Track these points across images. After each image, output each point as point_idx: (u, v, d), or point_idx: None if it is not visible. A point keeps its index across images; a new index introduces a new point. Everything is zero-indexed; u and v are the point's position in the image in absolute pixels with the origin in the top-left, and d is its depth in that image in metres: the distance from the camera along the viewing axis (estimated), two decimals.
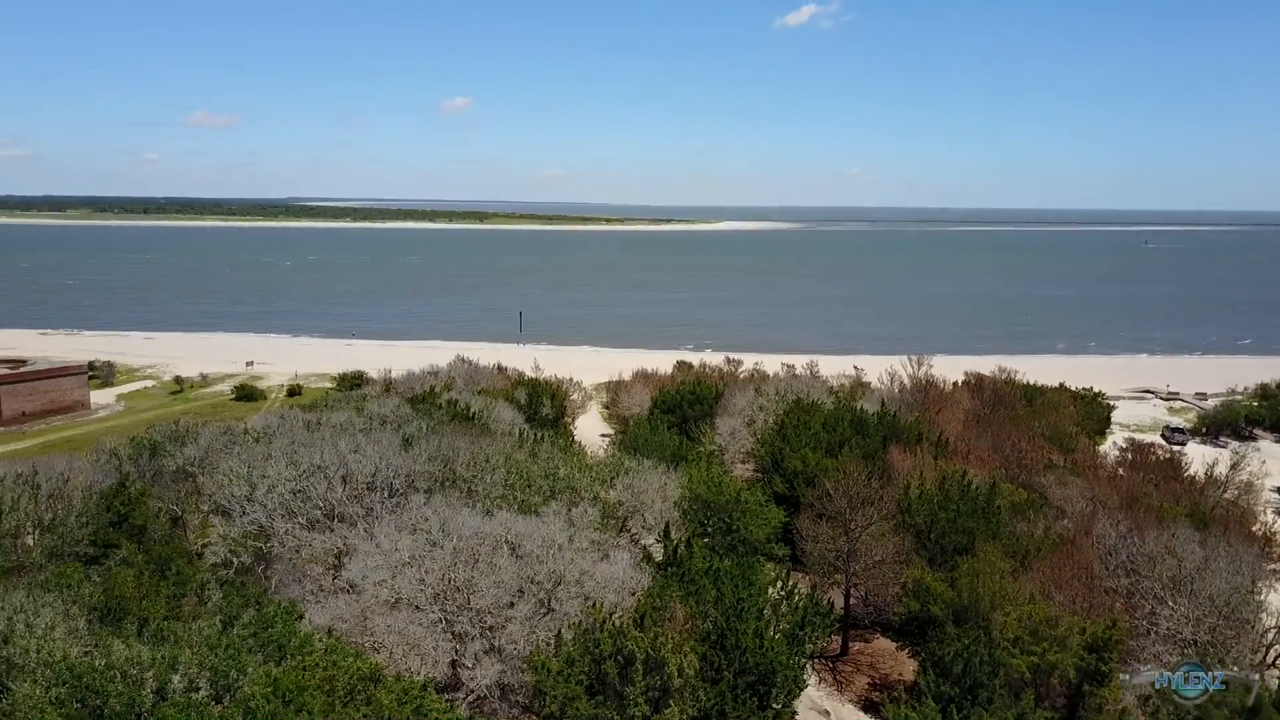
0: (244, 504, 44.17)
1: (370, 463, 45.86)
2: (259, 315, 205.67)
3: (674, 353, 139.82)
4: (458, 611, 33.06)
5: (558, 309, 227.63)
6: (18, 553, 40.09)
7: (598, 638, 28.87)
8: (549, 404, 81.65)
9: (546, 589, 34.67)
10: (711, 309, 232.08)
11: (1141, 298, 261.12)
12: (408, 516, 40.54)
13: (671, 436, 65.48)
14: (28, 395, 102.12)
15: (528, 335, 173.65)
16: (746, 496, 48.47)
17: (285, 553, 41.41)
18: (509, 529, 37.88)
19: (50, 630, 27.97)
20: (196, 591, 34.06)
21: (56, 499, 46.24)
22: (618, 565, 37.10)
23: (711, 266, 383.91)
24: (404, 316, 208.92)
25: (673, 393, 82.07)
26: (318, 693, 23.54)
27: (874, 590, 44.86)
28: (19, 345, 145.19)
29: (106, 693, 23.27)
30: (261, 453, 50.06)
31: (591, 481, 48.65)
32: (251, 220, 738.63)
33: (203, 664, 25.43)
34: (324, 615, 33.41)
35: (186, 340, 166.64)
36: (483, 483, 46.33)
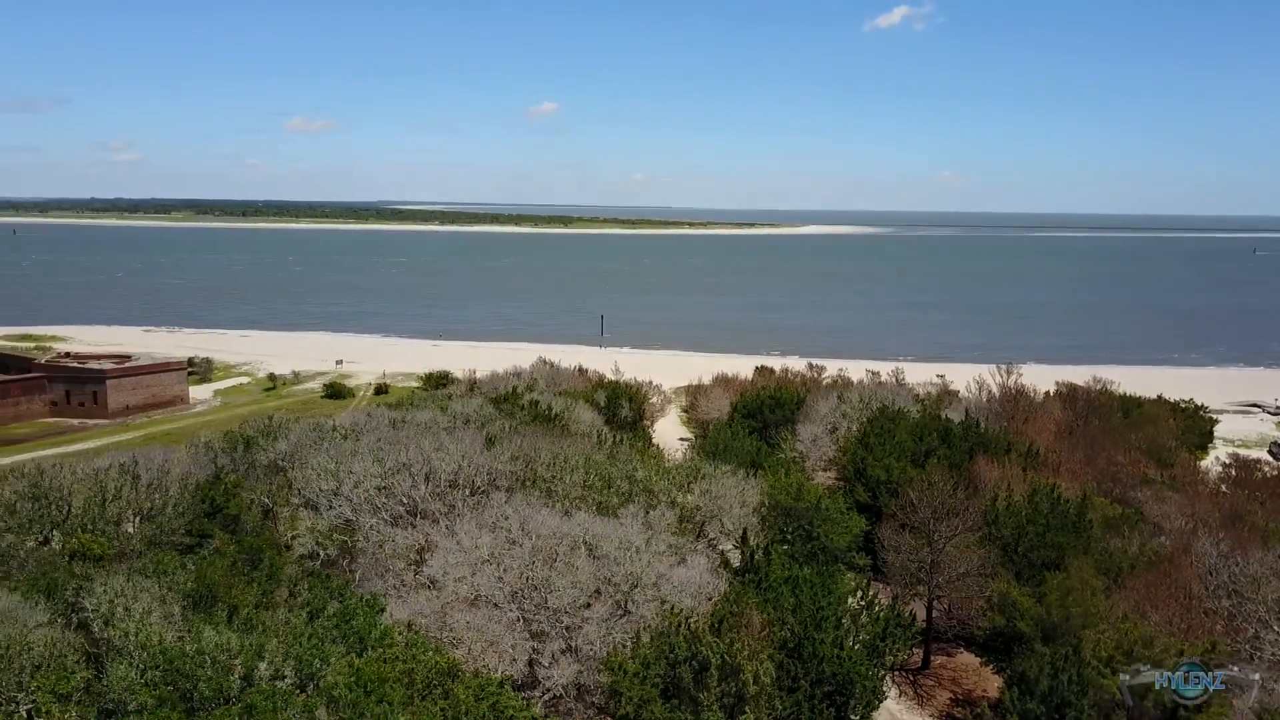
0: (331, 498, 45.30)
1: (453, 461, 46.57)
2: (351, 315, 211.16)
3: (755, 357, 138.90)
4: (535, 610, 33.29)
5: (639, 312, 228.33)
6: (119, 540, 41.75)
7: (673, 641, 28.74)
8: (628, 406, 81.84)
9: (623, 591, 34.68)
10: (795, 314, 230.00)
11: (1250, 308, 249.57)
12: (488, 514, 41.04)
13: (751, 442, 64.97)
14: (131, 389, 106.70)
15: (609, 338, 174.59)
16: (827, 504, 47.77)
17: (369, 547, 42.30)
18: (587, 530, 38.04)
19: (147, 615, 29.02)
20: (284, 582, 34.99)
21: (156, 489, 48.12)
22: (694, 570, 36.93)
23: (795, 271, 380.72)
24: (489, 318, 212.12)
25: (753, 398, 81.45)
26: (397, 685, 23.93)
27: (958, 603, 43.72)
28: (125, 341, 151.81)
29: (196, 677, 24.02)
30: (349, 449, 51.30)
31: (669, 485, 48.54)
32: (343, 223, 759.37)
33: (288, 653, 26.08)
34: (405, 610, 33.98)
35: (280, 338, 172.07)
36: (562, 483, 46.62)
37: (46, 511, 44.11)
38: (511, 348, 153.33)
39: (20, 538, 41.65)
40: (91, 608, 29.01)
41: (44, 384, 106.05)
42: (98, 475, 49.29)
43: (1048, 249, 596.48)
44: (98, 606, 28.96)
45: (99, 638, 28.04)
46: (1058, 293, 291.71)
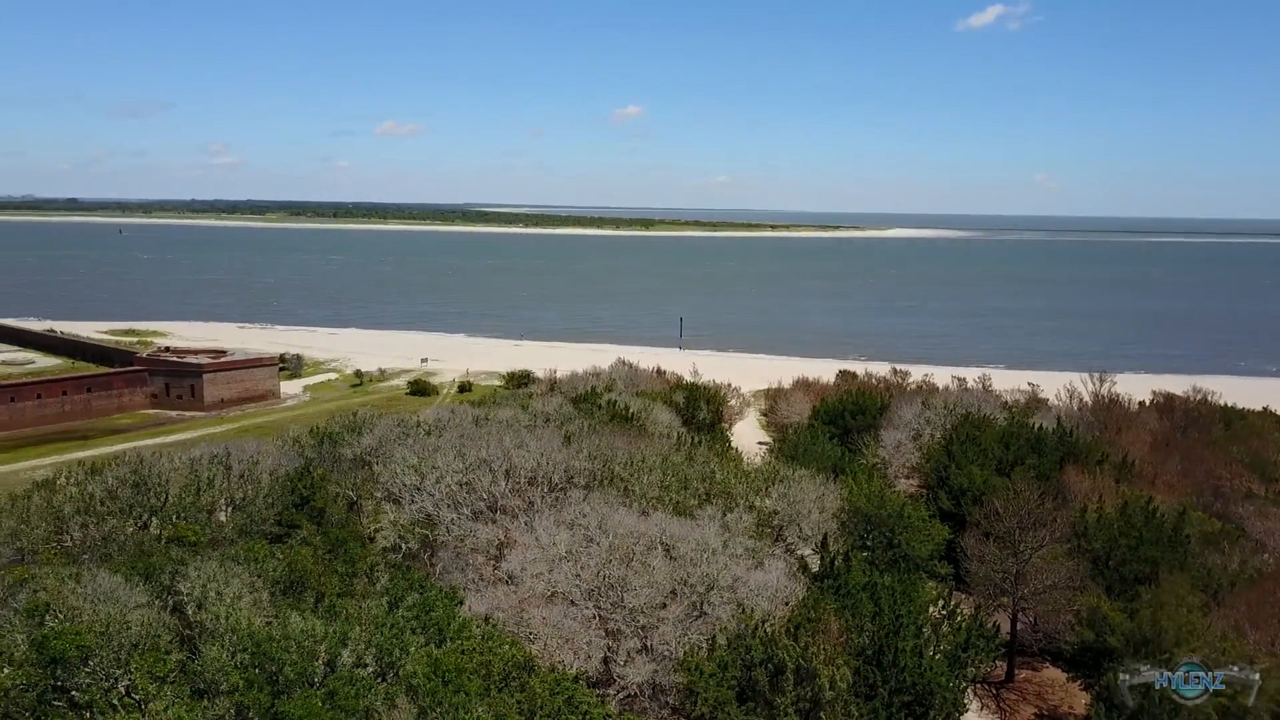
0: (414, 493, 46.17)
1: (532, 458, 47.03)
2: (437, 315, 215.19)
3: (837, 362, 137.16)
4: (611, 608, 33.38)
5: (719, 315, 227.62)
6: (212, 527, 43.24)
7: (749, 644, 28.52)
8: (706, 408, 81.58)
9: (699, 592, 34.54)
10: (879, 318, 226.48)
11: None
12: (566, 512, 41.31)
13: (832, 447, 64.13)
14: (226, 384, 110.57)
15: (688, 340, 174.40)
16: (909, 511, 46.86)
17: (450, 541, 42.97)
18: (664, 530, 38.00)
19: (237, 600, 29.96)
20: (366, 572, 35.77)
21: (247, 480, 49.74)
22: (772, 573, 36.59)
23: (880, 275, 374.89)
24: (570, 319, 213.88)
25: (834, 402, 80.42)
26: (474, 676, 24.24)
27: (1044, 616, 42.39)
28: (220, 337, 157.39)
29: (283, 661, 24.70)
30: (432, 445, 52.23)
31: (747, 488, 48.20)
32: (430, 225, 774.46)
33: (370, 641, 26.64)
34: (483, 603, 34.41)
35: (368, 336, 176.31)
36: (639, 483, 46.68)
37: (146, 498, 45.96)
38: (591, 348, 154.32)
39: (122, 522, 43.48)
40: (186, 591, 30.07)
41: (145, 377, 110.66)
42: (193, 465, 51.19)
43: (1146, 255, 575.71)
44: (192, 590, 30.01)
45: (192, 620, 29.05)
46: (1156, 299, 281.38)
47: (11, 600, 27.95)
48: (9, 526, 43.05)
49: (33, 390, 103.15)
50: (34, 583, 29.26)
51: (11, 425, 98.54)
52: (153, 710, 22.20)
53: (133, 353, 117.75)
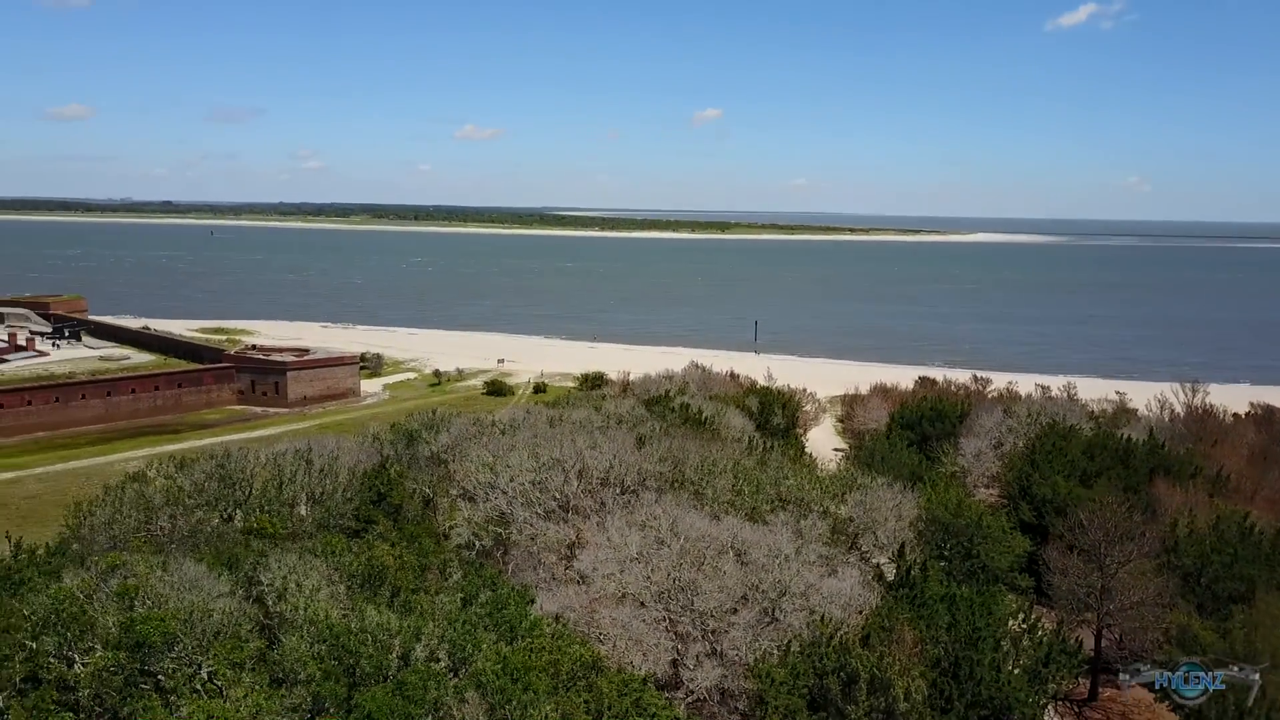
0: (488, 490, 46.66)
1: (605, 459, 47.14)
2: (514, 316, 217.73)
3: (916, 368, 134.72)
4: (681, 611, 33.21)
5: (795, 319, 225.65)
6: (293, 521, 44.32)
7: (822, 652, 28.07)
8: (781, 413, 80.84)
9: (771, 598, 34.15)
10: (960, 324, 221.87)
11: None
12: (638, 514, 41.27)
13: (910, 454, 62.95)
14: (309, 381, 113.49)
15: (764, 344, 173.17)
16: (989, 522, 45.69)
17: (522, 540, 43.30)
18: (735, 535, 37.69)
19: (316, 592, 30.59)
20: (440, 568, 36.23)
21: (327, 475, 50.86)
22: (846, 581, 36.00)
23: (961, 279, 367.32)
24: (644, 322, 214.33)
25: (913, 409, 78.94)
26: (543, 674, 24.32)
27: (1130, 634, 40.87)
28: (304, 336, 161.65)
29: (359, 654, 25.12)
30: (506, 444, 52.74)
31: (822, 494, 47.57)
32: (508, 228, 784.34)
33: (443, 636, 26.94)
34: (554, 602, 34.57)
35: (446, 337, 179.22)
36: (711, 486, 46.43)
37: (231, 491, 47.36)
38: (664, 351, 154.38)
39: (208, 514, 44.86)
40: (267, 582, 30.81)
41: (233, 374, 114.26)
42: (276, 460, 52.56)
43: (1246, 261, 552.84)
44: (272, 582, 30.74)
45: (272, 611, 29.75)
46: (1255, 307, 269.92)
47: (104, 585, 28.97)
48: (104, 515, 44.78)
49: (128, 385, 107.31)
50: (125, 569, 30.30)
51: (108, 418, 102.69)
52: (233, 697, 22.77)
53: (221, 350, 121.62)
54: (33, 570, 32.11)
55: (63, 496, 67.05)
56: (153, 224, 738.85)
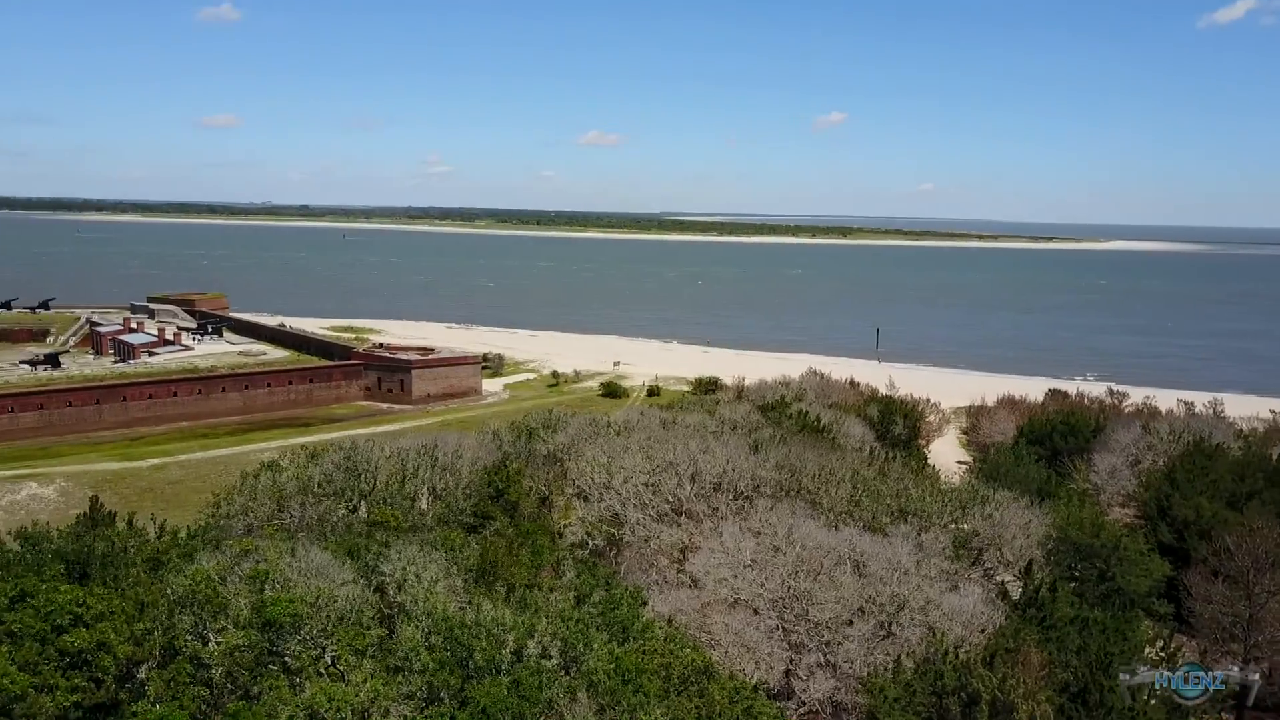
0: (602, 491, 46.93)
1: (718, 464, 46.82)
2: (631, 320, 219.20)
3: (1046, 380, 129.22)
4: (795, 620, 32.62)
5: (919, 326, 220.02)
6: (414, 514, 45.50)
7: (940, 669, 27.04)
8: (902, 423, 78.87)
9: (889, 612, 33.21)
10: (1093, 335, 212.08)
11: None
12: (752, 520, 40.82)
13: (1038, 469, 60.42)
14: (433, 379, 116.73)
15: (886, 352, 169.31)
16: (1126, 543, 43.34)
17: (635, 541, 43.38)
18: (853, 545, 36.86)
19: (434, 584, 31.26)
20: (554, 566, 36.55)
21: (448, 471, 52.09)
22: (968, 598, 34.74)
23: (1095, 288, 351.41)
24: (761, 327, 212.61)
25: (1042, 422, 75.83)
26: (655, 677, 24.16)
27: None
28: (429, 336, 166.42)
29: (473, 647, 25.48)
30: (620, 445, 52.99)
31: (944, 507, 46.10)
32: (627, 233, 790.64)
33: (555, 634, 27.10)
34: (666, 605, 34.44)
35: (565, 339, 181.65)
36: (829, 495, 45.56)
37: (357, 483, 49.00)
38: (781, 357, 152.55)
39: (335, 505, 46.53)
40: (388, 573, 31.65)
41: (361, 371, 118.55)
42: (400, 455, 54.15)
43: None
44: (393, 572, 31.56)
45: (392, 600, 30.52)
46: None
47: (238, 568, 30.29)
48: (240, 502, 47.02)
49: (263, 380, 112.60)
50: (257, 554, 31.63)
51: (245, 410, 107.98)
52: (353, 681, 23.39)
53: (350, 348, 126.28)
54: (174, 551, 33.85)
55: (202, 483, 70.80)
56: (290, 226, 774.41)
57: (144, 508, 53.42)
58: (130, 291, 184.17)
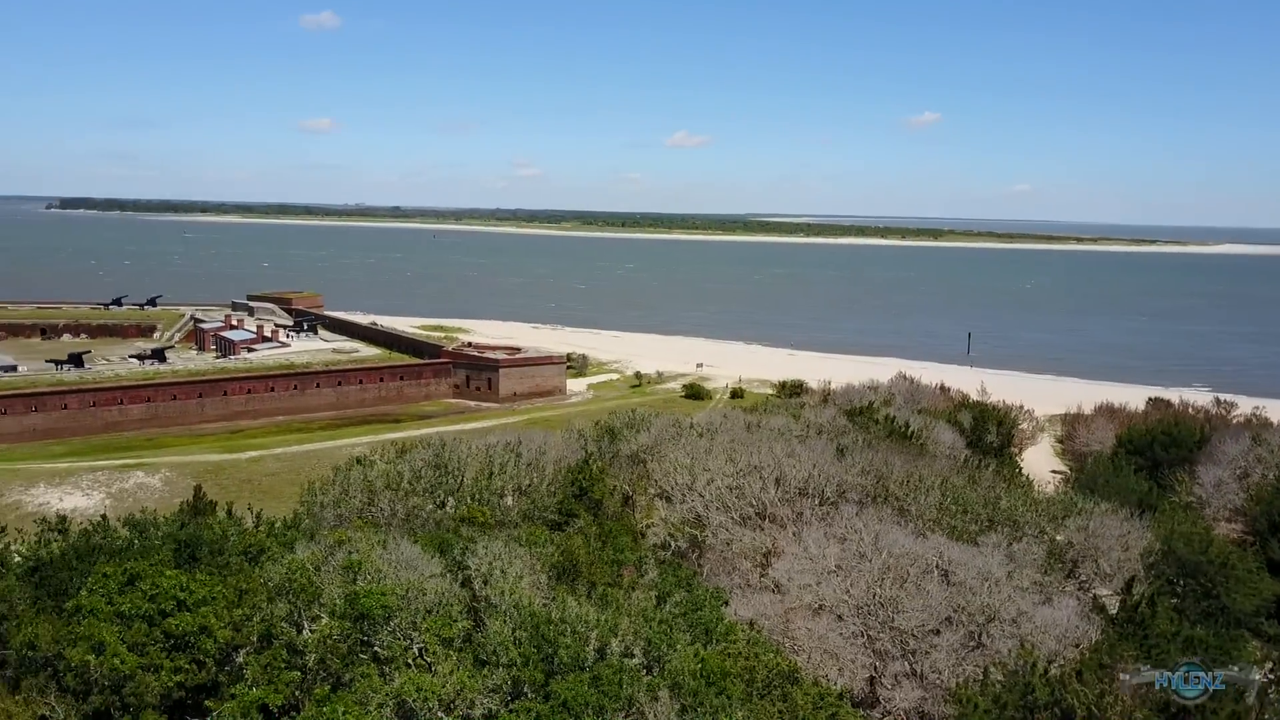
0: (685, 492, 46.92)
1: (804, 468, 46.36)
2: (715, 322, 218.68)
3: (1147, 388, 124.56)
4: (880, 628, 32.10)
5: (1013, 331, 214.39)
6: (500, 510, 46.21)
7: (1031, 683, 26.25)
8: (994, 430, 76.97)
9: (978, 622, 32.42)
10: (1197, 343, 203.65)
11: None
12: (837, 526, 40.30)
13: (1138, 480, 58.28)
14: (519, 378, 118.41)
15: (978, 357, 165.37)
16: (1234, 560, 41.48)
17: (717, 544, 43.24)
18: (941, 553, 36.10)
19: (519, 580, 31.67)
20: (636, 565, 36.65)
21: (533, 468, 52.75)
22: (1061, 611, 33.69)
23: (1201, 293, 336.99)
24: (847, 329, 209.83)
25: (1142, 432, 73.07)
26: (738, 681, 24.03)
27: None
28: (516, 335, 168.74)
29: (557, 643, 25.71)
30: (703, 447, 52.88)
31: (1038, 517, 44.84)
32: (713, 234, 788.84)
33: (638, 633, 27.17)
34: (748, 609, 34.25)
35: (649, 340, 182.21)
36: (916, 502, 44.72)
37: (445, 479, 49.99)
38: (869, 361, 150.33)
39: (424, 500, 47.56)
40: (474, 567, 32.18)
41: (450, 369, 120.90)
42: (488, 452, 55.05)
43: None
44: (479, 567, 32.08)
45: (478, 594, 31.04)
46: None
47: (331, 558, 31.18)
48: (333, 495, 48.43)
49: (356, 376, 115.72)
50: (349, 545, 32.50)
51: (338, 406, 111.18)
52: (440, 672, 23.84)
53: (440, 347, 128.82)
54: (270, 541, 35.00)
55: (297, 475, 73.13)
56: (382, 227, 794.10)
57: (242, 498, 55.41)
58: (231, 289, 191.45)
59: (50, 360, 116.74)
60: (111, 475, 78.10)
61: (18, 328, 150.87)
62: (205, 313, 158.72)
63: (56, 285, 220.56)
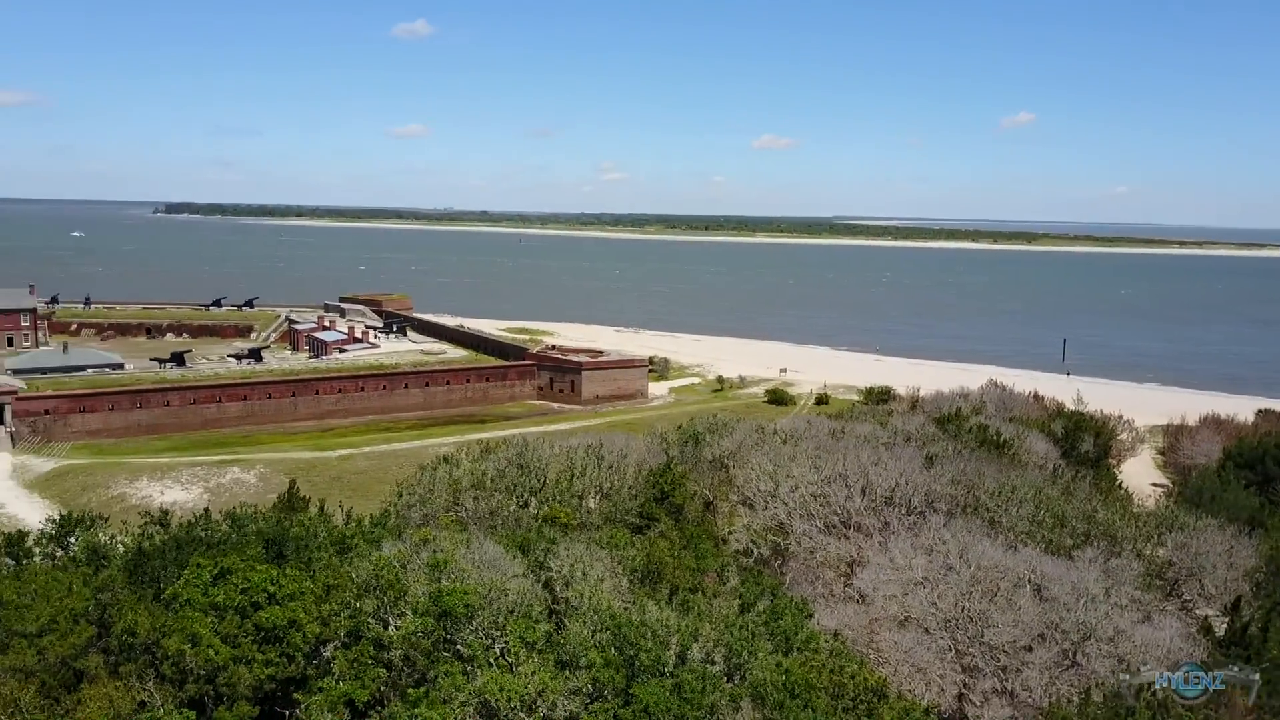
0: (768, 499, 46.39)
1: (890, 477, 45.40)
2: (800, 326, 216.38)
3: (1258, 399, 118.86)
4: (969, 643, 31.16)
5: (1112, 337, 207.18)
6: (581, 512, 46.34)
7: (1133, 706, 25.13)
8: (1091, 441, 74.30)
9: (1073, 640, 31.23)
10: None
11: None
12: (924, 536, 39.35)
13: (1248, 496, 55.57)
14: (601, 381, 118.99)
15: (1074, 365, 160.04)
16: None
17: (801, 552, 42.61)
18: (1034, 568, 34.94)
19: (600, 582, 31.67)
20: (718, 572, 36.34)
21: (614, 471, 52.82)
22: (1163, 631, 32.23)
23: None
24: (937, 335, 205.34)
25: (1252, 444, 69.64)
26: (823, 693, 23.55)
27: None
28: (598, 338, 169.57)
29: (638, 646, 25.59)
30: (787, 453, 52.24)
31: (1136, 532, 43.09)
32: (798, 237, 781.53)
33: (719, 640, 26.89)
34: (832, 619, 33.63)
35: (731, 344, 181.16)
36: (1008, 514, 43.39)
37: (527, 480, 50.39)
38: (959, 368, 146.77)
39: (507, 499, 48.02)
40: (556, 569, 32.32)
41: (534, 371, 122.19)
42: (569, 453, 55.33)
43: None
44: (560, 569, 32.19)
45: (559, 596, 31.14)
46: None
47: (416, 556, 31.65)
48: (419, 494, 49.27)
49: (443, 377, 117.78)
50: (434, 543, 32.95)
51: (425, 406, 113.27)
52: (522, 673, 23.92)
53: (524, 349, 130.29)
54: (359, 538, 35.71)
55: (385, 474, 74.67)
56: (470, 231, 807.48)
57: (332, 495, 56.76)
58: (324, 291, 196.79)
59: (154, 359, 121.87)
60: (209, 470, 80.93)
61: (125, 327, 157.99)
62: (299, 314, 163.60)
63: (162, 286, 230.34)
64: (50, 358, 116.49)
